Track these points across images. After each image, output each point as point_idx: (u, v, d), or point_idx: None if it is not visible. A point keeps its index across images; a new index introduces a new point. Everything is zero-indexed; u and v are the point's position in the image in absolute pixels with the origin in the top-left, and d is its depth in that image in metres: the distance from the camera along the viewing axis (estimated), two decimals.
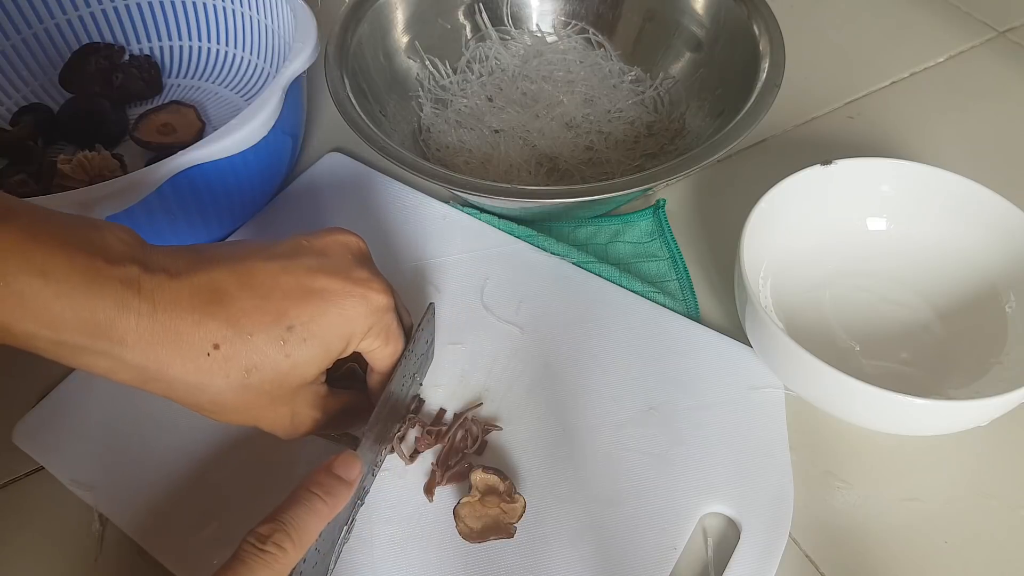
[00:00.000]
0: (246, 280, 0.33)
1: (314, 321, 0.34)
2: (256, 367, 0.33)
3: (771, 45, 0.53)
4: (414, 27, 0.61)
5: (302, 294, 0.34)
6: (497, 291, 0.50)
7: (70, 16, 0.63)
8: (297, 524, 0.31)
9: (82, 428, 0.44)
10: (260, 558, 0.30)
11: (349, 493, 0.34)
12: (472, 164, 0.57)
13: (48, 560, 0.41)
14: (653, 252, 0.53)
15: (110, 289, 0.30)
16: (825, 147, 0.60)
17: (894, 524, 0.41)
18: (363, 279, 0.36)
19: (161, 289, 0.31)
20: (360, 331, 0.36)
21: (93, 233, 0.31)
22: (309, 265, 0.35)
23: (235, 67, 0.65)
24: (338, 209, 0.55)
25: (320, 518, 0.32)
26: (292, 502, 0.32)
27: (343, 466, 0.34)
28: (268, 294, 0.33)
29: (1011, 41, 0.69)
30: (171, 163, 0.44)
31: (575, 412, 0.44)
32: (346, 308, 0.35)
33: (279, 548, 0.31)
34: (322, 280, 0.35)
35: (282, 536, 0.31)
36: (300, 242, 0.36)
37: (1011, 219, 0.45)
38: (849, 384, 0.38)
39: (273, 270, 0.34)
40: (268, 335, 0.33)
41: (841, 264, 0.50)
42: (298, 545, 0.31)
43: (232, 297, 0.33)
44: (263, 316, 0.33)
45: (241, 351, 0.32)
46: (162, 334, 0.31)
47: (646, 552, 0.39)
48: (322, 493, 0.33)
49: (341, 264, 0.36)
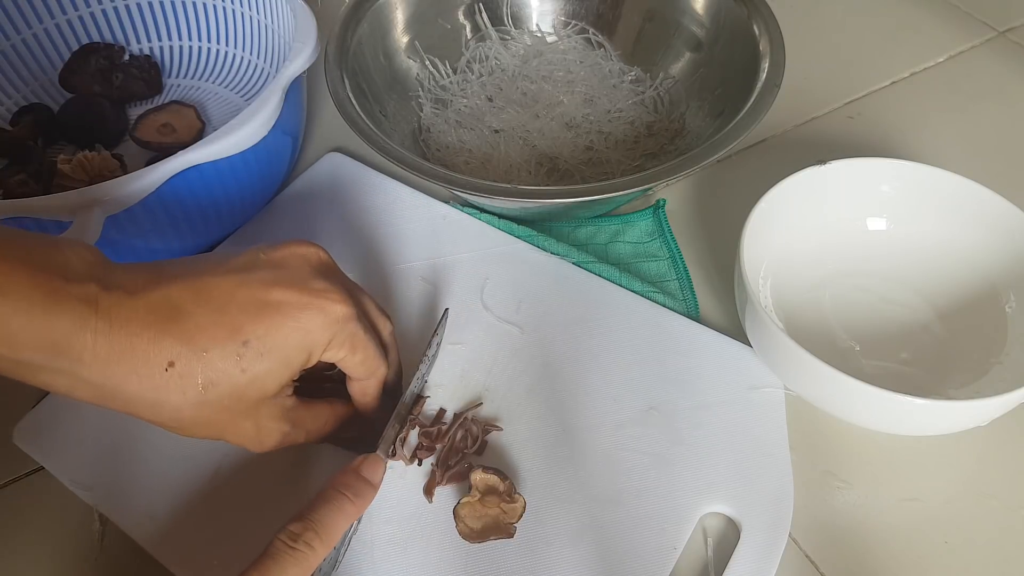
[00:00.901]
0: (202, 295, 0.33)
1: (270, 335, 0.33)
2: (212, 383, 0.33)
3: (771, 45, 0.53)
4: (414, 27, 0.61)
5: (258, 308, 0.33)
6: (497, 291, 0.50)
7: (70, 16, 0.63)
8: (326, 523, 0.33)
9: (82, 428, 0.44)
10: (291, 556, 0.31)
11: (374, 494, 0.36)
12: (472, 164, 0.57)
13: (48, 560, 0.41)
14: (653, 252, 0.53)
15: (68, 307, 0.30)
16: (825, 147, 0.60)
17: (894, 524, 0.41)
18: (320, 290, 0.35)
19: (118, 307, 0.31)
20: (320, 342, 0.35)
21: (53, 251, 0.31)
22: (265, 278, 0.34)
23: (235, 67, 0.65)
24: (338, 209, 0.55)
25: (347, 518, 0.34)
26: (321, 502, 0.34)
27: (370, 468, 0.36)
28: (224, 309, 0.33)
29: (1011, 41, 0.69)
30: (171, 163, 0.44)
31: (575, 412, 0.44)
32: (302, 320, 0.34)
33: (308, 547, 0.32)
34: (278, 293, 0.34)
35: (312, 535, 0.32)
36: (258, 255, 0.36)
37: (1011, 219, 0.45)
38: (849, 384, 0.38)
39: (229, 284, 0.34)
40: (223, 351, 0.33)
41: (841, 264, 0.50)
42: (325, 544, 0.33)
43: (187, 313, 0.32)
44: (218, 331, 0.33)
45: (196, 368, 0.32)
46: (118, 352, 0.31)
47: (646, 552, 0.39)
48: (350, 494, 0.34)
49: (298, 276, 0.35)
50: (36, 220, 0.43)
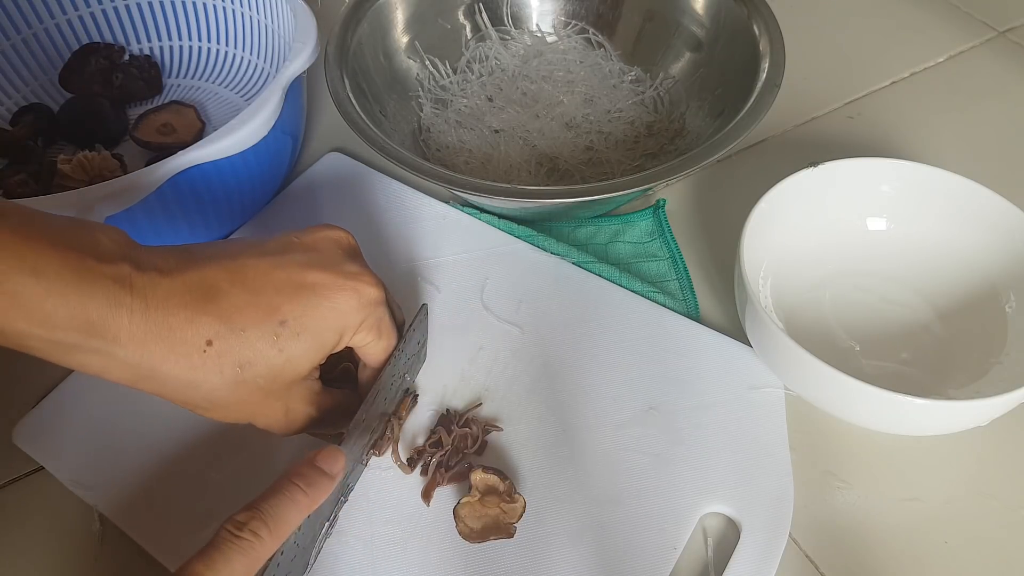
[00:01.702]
0: (238, 277, 0.33)
1: (306, 315, 0.34)
2: (250, 362, 0.33)
3: (771, 45, 0.53)
4: (414, 27, 0.61)
5: (294, 289, 0.34)
6: (497, 291, 0.50)
7: (70, 16, 0.63)
8: (275, 514, 0.31)
9: (82, 428, 0.44)
10: (236, 544, 0.30)
11: (331, 486, 0.34)
12: (472, 164, 0.57)
13: (48, 560, 0.41)
14: (653, 252, 0.53)
15: (102, 287, 0.30)
16: (825, 147, 0.60)
17: (894, 524, 0.41)
18: (354, 273, 0.36)
19: (153, 286, 0.31)
20: (353, 324, 0.36)
21: (84, 233, 0.31)
22: (300, 260, 0.35)
23: (235, 67, 0.65)
24: (338, 209, 0.55)
25: (300, 509, 0.32)
26: (272, 492, 0.32)
27: (326, 459, 0.34)
28: (260, 290, 0.33)
29: (1011, 41, 0.69)
30: (171, 163, 0.44)
31: (575, 412, 0.44)
32: (338, 302, 0.35)
33: (255, 536, 0.30)
34: (313, 275, 0.35)
35: (259, 524, 0.31)
36: (291, 239, 0.36)
37: (1011, 219, 0.45)
38: (849, 384, 0.38)
39: (264, 266, 0.34)
40: (261, 330, 0.33)
41: (841, 264, 0.50)
42: (275, 534, 0.31)
43: (224, 293, 0.33)
44: (255, 312, 0.33)
45: (234, 347, 0.32)
46: (155, 331, 0.31)
47: (646, 552, 0.39)
48: (303, 484, 0.33)
49: (332, 259, 0.36)
50: None
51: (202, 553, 0.30)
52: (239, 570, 0.30)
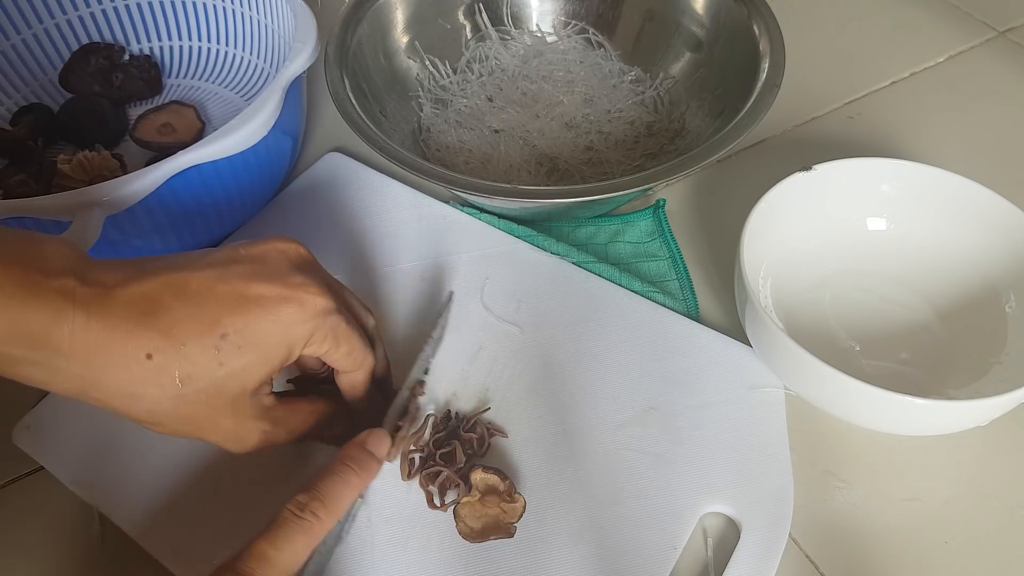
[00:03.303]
0: (180, 290, 0.33)
1: (248, 328, 0.33)
2: (190, 376, 0.33)
3: (771, 45, 0.53)
4: (414, 27, 0.61)
5: (236, 302, 0.34)
6: (497, 291, 0.50)
7: (70, 16, 0.63)
8: (331, 494, 0.34)
9: (82, 428, 0.44)
10: (298, 524, 0.33)
11: (379, 468, 0.37)
12: (472, 164, 0.57)
13: (48, 560, 0.41)
14: (653, 252, 0.53)
15: (45, 300, 0.30)
16: (825, 147, 0.60)
17: (894, 524, 0.41)
18: (299, 284, 0.35)
19: (97, 300, 0.31)
20: (301, 336, 0.35)
21: (30, 246, 0.31)
22: (243, 272, 0.35)
23: (235, 67, 0.65)
24: (338, 209, 0.55)
25: (352, 490, 0.35)
26: (328, 473, 0.35)
27: (375, 442, 0.37)
28: (202, 303, 0.33)
29: (1011, 41, 0.69)
30: (171, 163, 0.44)
31: (575, 412, 0.44)
32: (281, 314, 0.34)
33: (314, 516, 0.33)
34: (257, 287, 0.34)
35: (318, 504, 0.34)
36: (237, 251, 0.36)
37: (1011, 219, 0.45)
38: (849, 384, 0.38)
39: (208, 278, 0.34)
40: (201, 344, 0.33)
41: (841, 264, 0.50)
42: (331, 513, 0.34)
43: (166, 307, 0.32)
44: (196, 325, 0.33)
45: (174, 360, 0.32)
46: (96, 344, 0.31)
47: (646, 552, 0.39)
48: (355, 466, 0.36)
49: (277, 270, 0.36)
50: (36, 220, 0.43)
51: (266, 533, 0.32)
52: (300, 548, 0.33)
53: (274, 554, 0.32)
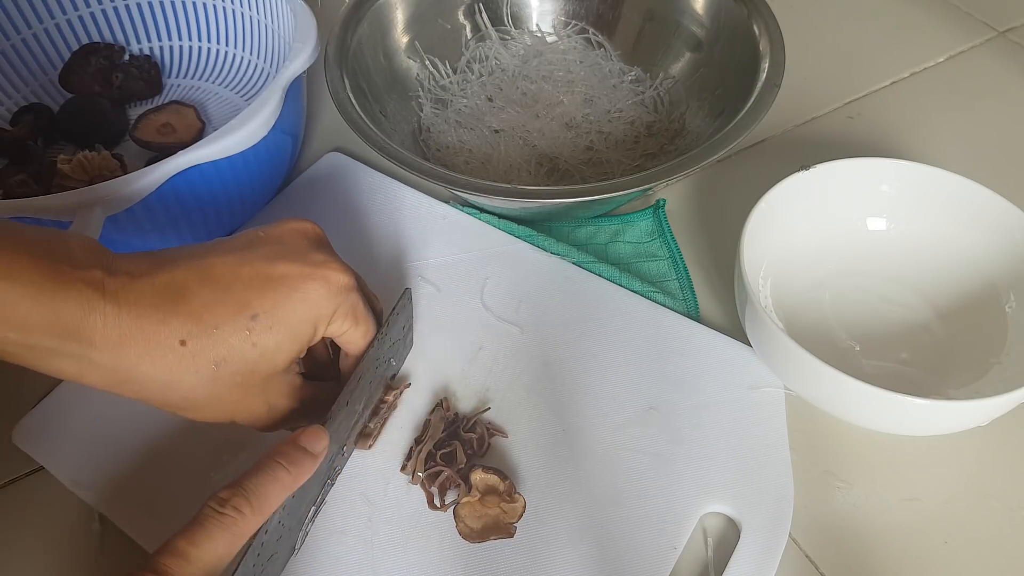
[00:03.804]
0: (206, 275, 0.33)
1: (277, 308, 0.34)
2: (224, 359, 0.33)
3: (771, 45, 0.53)
4: (414, 27, 0.61)
5: (262, 283, 0.34)
6: (497, 291, 0.50)
7: (70, 16, 0.63)
8: (257, 491, 0.32)
9: (82, 428, 0.44)
10: (218, 520, 0.31)
11: (314, 465, 0.34)
12: (472, 164, 0.57)
13: (48, 560, 0.41)
14: (653, 252, 0.53)
15: (75, 291, 0.30)
16: (825, 147, 0.60)
17: (894, 524, 0.41)
18: (321, 261, 0.36)
19: (125, 290, 0.31)
20: (326, 313, 0.36)
21: (55, 241, 0.32)
22: (266, 254, 0.35)
23: (235, 67, 0.65)
24: (338, 209, 0.55)
25: (282, 487, 0.33)
26: (255, 470, 0.33)
27: (309, 438, 0.35)
28: (229, 286, 0.34)
29: (1011, 41, 0.69)
30: (171, 163, 0.44)
31: (575, 412, 0.44)
32: (308, 291, 0.35)
33: (237, 512, 0.31)
34: (281, 267, 0.35)
35: (241, 500, 0.31)
36: (256, 234, 0.37)
37: (1011, 219, 0.45)
38: (849, 384, 0.38)
39: (231, 263, 0.34)
40: (233, 326, 0.33)
41: (841, 264, 0.50)
42: (257, 511, 0.32)
43: (194, 293, 0.33)
44: (226, 308, 0.33)
45: (208, 345, 0.33)
46: (128, 334, 0.31)
47: (646, 552, 0.39)
48: (286, 463, 0.33)
49: (298, 249, 0.36)
50: (36, 220, 0.43)
51: (185, 529, 0.31)
52: (221, 546, 0.31)
53: (192, 551, 0.30)
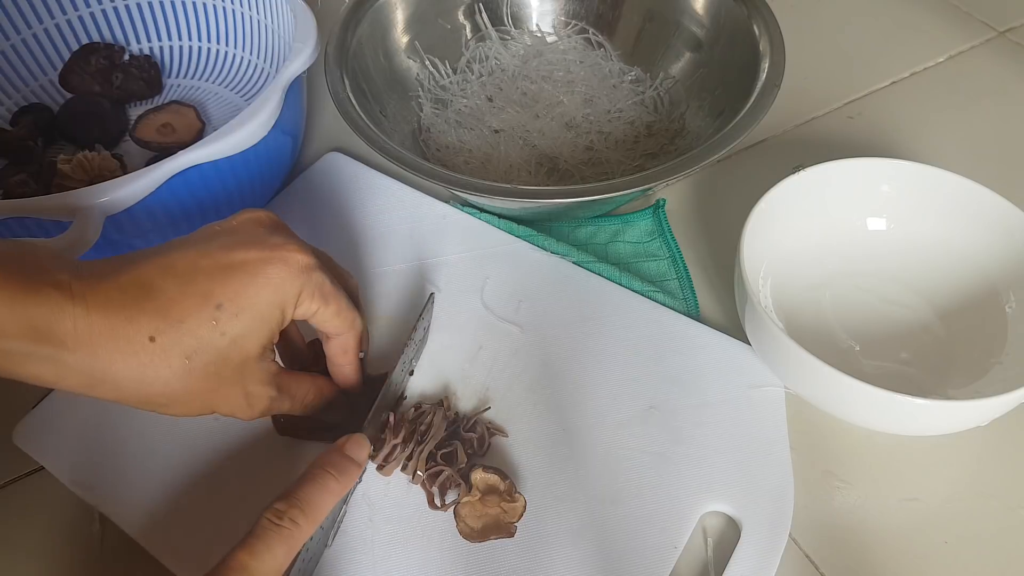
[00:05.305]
0: (168, 271, 0.34)
1: (240, 295, 0.34)
2: (195, 352, 0.33)
3: (771, 45, 0.53)
4: (414, 27, 0.61)
5: (223, 271, 0.34)
6: (497, 291, 0.50)
7: (70, 16, 0.63)
8: (311, 501, 0.34)
9: (82, 428, 0.44)
10: (277, 533, 0.32)
11: (359, 472, 0.37)
12: (472, 164, 0.57)
13: (48, 560, 0.41)
14: (653, 252, 0.53)
15: (44, 295, 0.31)
16: (825, 147, 0.60)
17: (894, 524, 0.41)
18: (279, 244, 0.36)
19: (92, 291, 0.32)
20: (291, 294, 0.36)
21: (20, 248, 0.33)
22: (224, 244, 0.35)
23: (235, 67, 0.65)
24: (338, 209, 0.55)
25: (331, 496, 0.35)
26: (306, 480, 0.35)
27: (354, 447, 0.37)
28: (191, 279, 0.34)
29: (1011, 41, 0.69)
30: (171, 163, 0.44)
31: (575, 411, 0.44)
32: (270, 274, 0.35)
33: (293, 523, 0.33)
34: (239, 253, 0.35)
35: (297, 512, 0.33)
36: (212, 227, 0.37)
37: (1011, 219, 0.45)
38: (849, 384, 0.38)
39: (191, 256, 0.35)
40: (199, 318, 0.33)
41: (841, 264, 0.50)
42: (311, 520, 0.34)
43: (158, 289, 0.33)
44: (190, 301, 0.33)
45: (176, 339, 0.33)
46: (98, 334, 0.32)
47: (646, 551, 0.39)
48: (334, 472, 0.35)
49: (255, 236, 0.37)
50: (36, 220, 0.43)
51: (244, 543, 0.32)
52: (280, 556, 0.32)
53: (254, 564, 0.31)
